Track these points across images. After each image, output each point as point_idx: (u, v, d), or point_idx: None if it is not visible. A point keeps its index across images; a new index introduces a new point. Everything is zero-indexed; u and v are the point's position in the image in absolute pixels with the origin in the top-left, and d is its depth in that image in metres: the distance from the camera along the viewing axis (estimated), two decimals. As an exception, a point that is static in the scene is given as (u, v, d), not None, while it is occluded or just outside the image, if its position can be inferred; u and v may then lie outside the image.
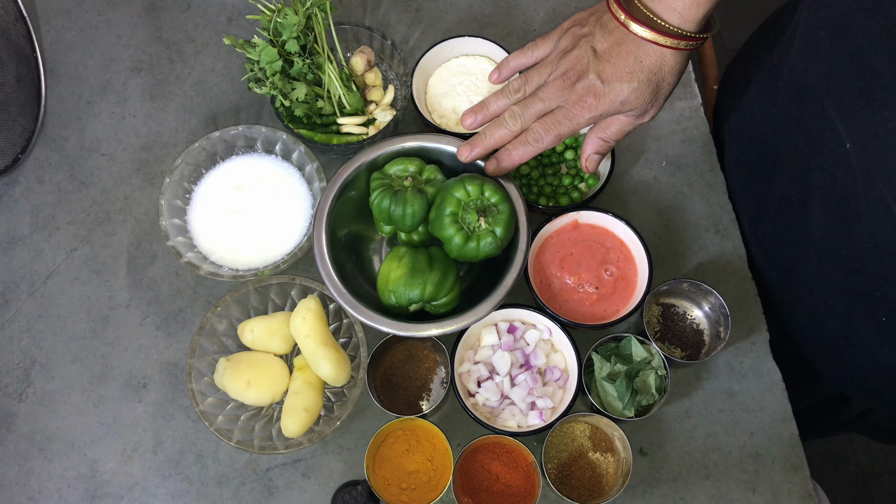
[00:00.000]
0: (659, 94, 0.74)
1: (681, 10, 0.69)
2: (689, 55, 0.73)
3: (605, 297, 0.87)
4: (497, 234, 0.79)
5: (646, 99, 0.73)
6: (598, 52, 0.72)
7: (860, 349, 0.83)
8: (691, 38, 0.70)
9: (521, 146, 0.78)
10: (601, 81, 0.72)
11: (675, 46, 0.70)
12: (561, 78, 0.74)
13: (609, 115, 0.74)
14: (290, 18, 0.86)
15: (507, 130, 0.77)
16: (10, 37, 0.97)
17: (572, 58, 0.73)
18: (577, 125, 0.75)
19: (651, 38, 0.70)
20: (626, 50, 0.71)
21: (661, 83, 0.73)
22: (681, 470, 0.86)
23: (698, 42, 0.71)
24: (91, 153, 1.00)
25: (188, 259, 0.88)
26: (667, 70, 0.72)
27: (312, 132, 0.93)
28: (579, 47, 0.73)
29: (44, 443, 0.89)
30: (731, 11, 2.10)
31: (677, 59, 0.72)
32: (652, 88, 0.73)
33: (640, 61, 0.71)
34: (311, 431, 0.84)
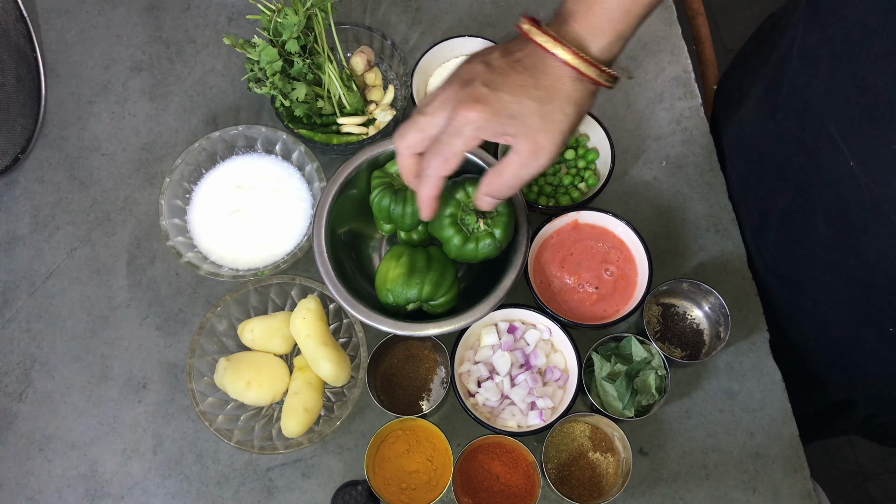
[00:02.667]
0: (551, 125, 0.63)
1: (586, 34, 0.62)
2: (590, 95, 0.65)
3: (605, 297, 0.87)
4: (496, 235, 0.79)
5: (535, 124, 0.63)
6: (492, 65, 0.64)
7: (867, 357, 0.82)
8: (595, 64, 0.62)
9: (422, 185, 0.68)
10: (487, 89, 0.62)
11: (575, 66, 0.62)
12: (451, 88, 0.65)
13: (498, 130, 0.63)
14: (291, 18, 0.86)
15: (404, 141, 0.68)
16: (10, 37, 0.97)
17: (463, 71, 0.66)
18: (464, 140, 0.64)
19: (550, 49, 0.62)
20: (523, 65, 0.63)
21: (554, 111, 0.63)
22: (681, 470, 0.86)
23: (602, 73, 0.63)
24: (91, 153, 1.00)
25: (188, 259, 0.88)
26: (563, 96, 0.63)
27: (312, 132, 0.93)
28: (477, 61, 0.66)
29: (44, 443, 0.89)
30: (731, 11, 2.10)
31: (576, 89, 0.63)
32: (543, 113, 0.63)
33: (536, 77, 0.62)
34: (311, 431, 0.84)
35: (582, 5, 0.62)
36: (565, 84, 0.63)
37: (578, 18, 0.63)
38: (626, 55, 1.02)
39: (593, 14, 0.62)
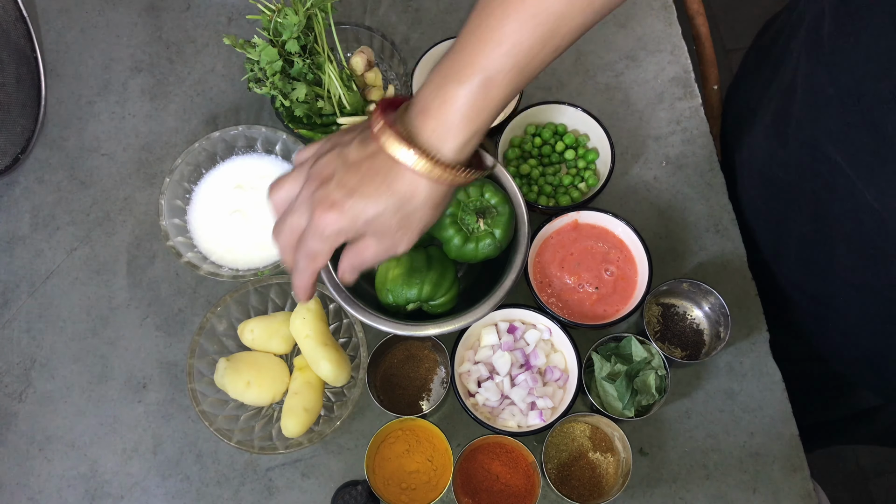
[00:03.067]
0: (409, 226, 0.63)
1: (438, 133, 0.59)
2: (447, 193, 0.63)
3: (605, 297, 0.87)
4: (496, 235, 0.79)
5: (392, 226, 0.62)
6: (349, 161, 0.62)
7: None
8: (446, 166, 0.60)
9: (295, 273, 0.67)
10: (342, 192, 0.61)
11: (428, 174, 0.60)
12: (307, 186, 0.64)
13: (357, 232, 0.63)
14: (291, 18, 0.86)
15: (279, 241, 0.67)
16: (10, 37, 0.97)
17: (320, 164, 0.63)
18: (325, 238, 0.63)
19: (402, 158, 0.59)
20: (378, 166, 0.60)
21: (411, 214, 0.62)
22: (681, 470, 0.86)
23: (454, 175, 0.61)
24: (91, 153, 1.00)
25: (188, 259, 0.88)
26: (419, 200, 0.61)
27: (312, 132, 0.93)
28: (332, 154, 0.63)
29: (44, 443, 0.89)
30: (731, 11, 2.09)
31: (430, 192, 0.61)
32: (400, 217, 0.62)
33: (390, 183, 0.60)
34: (311, 431, 0.84)
35: (435, 101, 0.59)
36: (420, 189, 0.61)
37: (431, 115, 0.59)
38: (626, 55, 1.02)
39: (445, 113, 0.58)
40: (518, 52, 0.56)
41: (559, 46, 0.57)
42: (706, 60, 1.08)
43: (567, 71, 1.02)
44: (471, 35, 0.58)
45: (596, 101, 1.00)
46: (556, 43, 0.57)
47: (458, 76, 0.58)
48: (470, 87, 0.57)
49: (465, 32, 0.59)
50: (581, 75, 1.01)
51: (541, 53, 0.57)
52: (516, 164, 0.94)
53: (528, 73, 0.58)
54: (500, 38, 0.56)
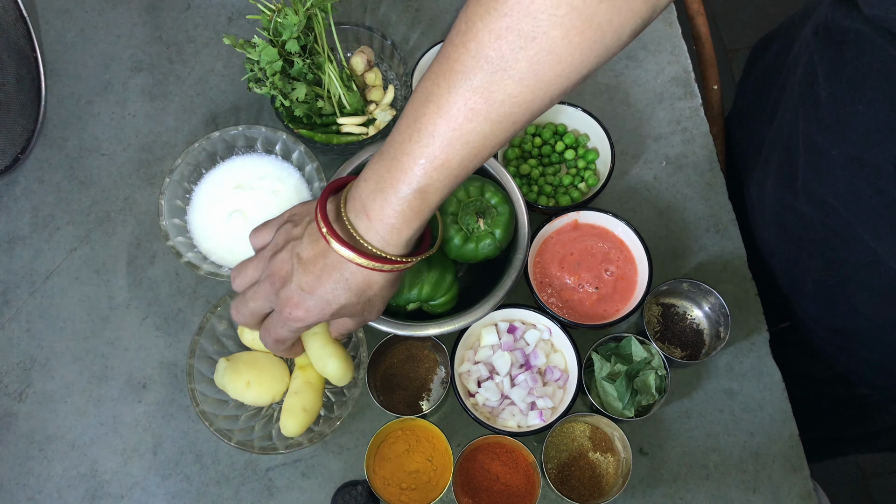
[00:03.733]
0: (373, 306, 0.68)
1: (382, 234, 0.61)
2: (402, 273, 0.67)
3: (605, 297, 0.87)
4: (496, 235, 0.79)
5: (357, 311, 0.67)
6: (303, 259, 0.64)
7: None
8: (396, 261, 0.63)
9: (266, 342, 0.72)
10: (304, 293, 0.64)
11: (380, 269, 0.63)
12: (268, 281, 0.67)
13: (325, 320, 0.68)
14: (291, 18, 0.86)
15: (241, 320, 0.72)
16: (10, 37, 0.97)
17: (278, 261, 0.66)
18: (293, 330, 0.68)
19: (352, 259, 0.62)
20: (331, 264, 0.63)
21: (372, 299, 0.66)
22: (681, 470, 0.86)
23: (406, 264, 0.64)
24: (91, 153, 1.00)
25: (188, 259, 0.88)
26: (376, 288, 0.65)
27: (312, 132, 0.93)
28: (286, 250, 0.66)
29: (44, 443, 0.89)
30: (731, 11, 2.09)
31: (387, 279, 0.65)
32: (362, 303, 0.66)
33: (346, 279, 0.63)
34: (311, 431, 0.84)
35: (375, 204, 0.61)
36: (376, 279, 0.65)
37: (373, 218, 0.61)
38: (626, 55, 1.02)
39: (385, 216, 0.61)
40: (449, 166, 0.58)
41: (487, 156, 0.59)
42: (706, 60, 1.08)
43: (567, 71, 1.02)
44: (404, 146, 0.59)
45: (596, 101, 1.00)
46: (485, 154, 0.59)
47: (394, 186, 0.60)
48: (406, 195, 0.60)
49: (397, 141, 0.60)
50: (581, 75, 1.01)
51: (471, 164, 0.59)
52: (516, 164, 0.94)
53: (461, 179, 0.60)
54: (431, 154, 0.58)
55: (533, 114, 0.57)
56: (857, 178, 0.67)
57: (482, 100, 0.55)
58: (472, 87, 0.55)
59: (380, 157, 0.61)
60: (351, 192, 0.64)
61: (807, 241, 0.80)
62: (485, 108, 0.55)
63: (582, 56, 0.53)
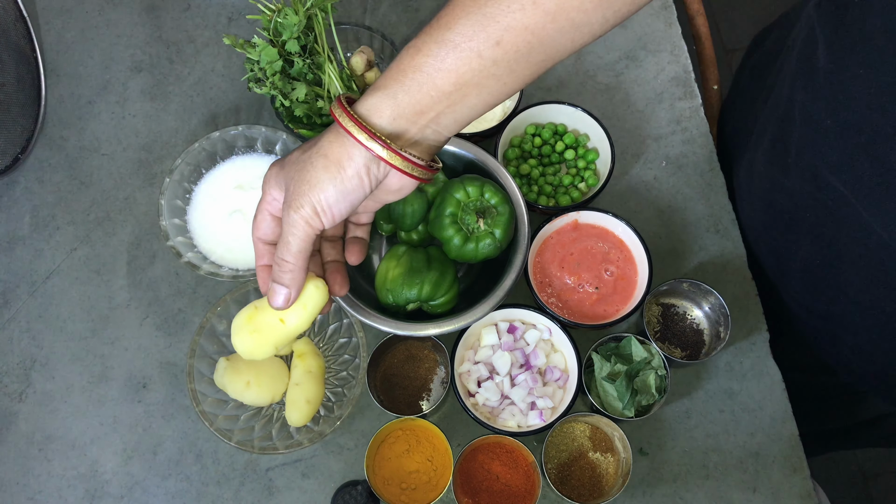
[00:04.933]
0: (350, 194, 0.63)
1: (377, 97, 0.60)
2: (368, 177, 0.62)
3: (605, 297, 0.87)
4: (496, 235, 0.79)
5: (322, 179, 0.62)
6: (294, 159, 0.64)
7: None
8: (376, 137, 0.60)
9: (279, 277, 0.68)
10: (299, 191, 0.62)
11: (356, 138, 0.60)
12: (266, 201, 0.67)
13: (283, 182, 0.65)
14: (291, 18, 0.86)
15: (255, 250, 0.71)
16: (10, 37, 0.97)
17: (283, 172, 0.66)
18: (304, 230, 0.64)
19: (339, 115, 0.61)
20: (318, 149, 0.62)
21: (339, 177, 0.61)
22: (681, 470, 0.86)
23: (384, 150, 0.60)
24: (91, 153, 1.00)
25: (188, 259, 0.88)
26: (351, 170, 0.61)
27: (312, 132, 0.93)
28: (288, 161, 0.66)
29: (44, 443, 0.89)
30: (731, 11, 2.09)
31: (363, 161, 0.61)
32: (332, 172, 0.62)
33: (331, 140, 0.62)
34: (312, 431, 0.84)
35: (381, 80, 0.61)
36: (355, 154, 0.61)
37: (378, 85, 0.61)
38: (626, 55, 1.02)
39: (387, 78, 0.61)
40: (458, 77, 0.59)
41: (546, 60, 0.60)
42: (706, 60, 1.08)
43: (567, 71, 1.02)
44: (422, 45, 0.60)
45: (596, 101, 1.00)
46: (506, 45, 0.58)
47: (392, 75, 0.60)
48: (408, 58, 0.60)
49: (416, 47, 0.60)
50: (581, 75, 1.01)
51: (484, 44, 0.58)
52: (516, 164, 0.94)
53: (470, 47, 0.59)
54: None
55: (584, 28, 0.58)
56: (854, 147, 0.67)
57: None
58: None
59: None
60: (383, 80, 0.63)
61: (796, 221, 0.80)
62: None
63: None
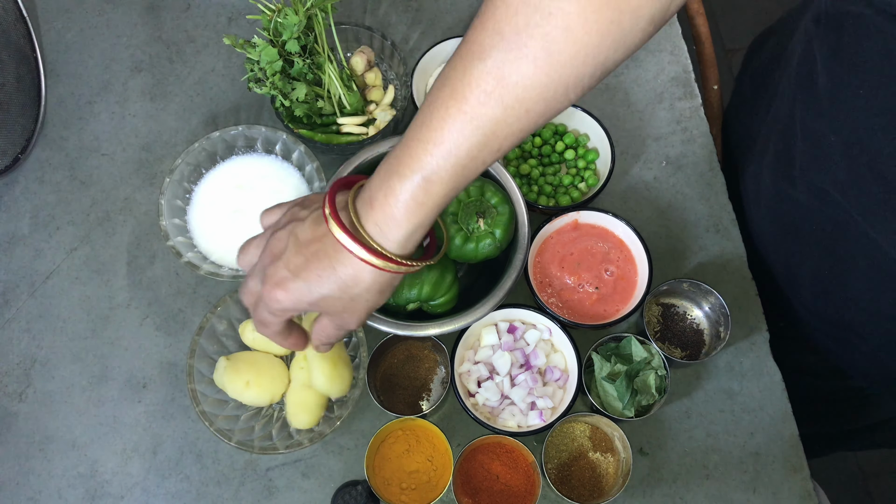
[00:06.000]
0: (354, 309, 0.65)
1: (381, 226, 0.60)
2: (391, 280, 0.64)
3: (605, 297, 0.87)
4: (496, 235, 0.79)
5: (337, 309, 0.64)
6: (300, 240, 0.63)
7: None
8: (391, 259, 0.61)
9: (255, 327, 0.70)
10: (289, 273, 0.63)
11: (372, 264, 0.60)
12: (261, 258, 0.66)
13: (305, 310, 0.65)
14: (291, 18, 0.86)
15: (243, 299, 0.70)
16: (10, 37, 0.97)
17: (275, 238, 0.65)
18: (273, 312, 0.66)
19: (347, 246, 0.60)
20: (324, 250, 0.62)
21: (355, 298, 0.63)
22: (681, 470, 0.86)
23: (399, 266, 0.62)
24: (91, 153, 1.00)
25: (188, 259, 0.88)
26: (363, 287, 0.62)
27: (312, 132, 0.93)
28: (286, 229, 0.65)
29: (44, 443, 0.89)
30: (731, 11, 2.09)
31: (376, 279, 0.62)
32: (345, 301, 0.63)
33: (334, 268, 0.61)
34: (312, 431, 0.84)
35: (379, 193, 0.60)
36: (364, 276, 0.62)
37: (376, 207, 0.60)
38: (626, 55, 1.02)
39: (388, 206, 0.60)
40: (457, 153, 0.57)
41: (500, 148, 0.58)
42: (706, 60, 1.08)
43: (567, 71, 1.02)
44: (416, 132, 0.58)
45: (596, 101, 1.00)
46: (496, 145, 0.57)
47: (400, 172, 0.59)
48: (411, 183, 0.58)
49: (411, 128, 0.59)
50: (581, 75, 1.01)
51: (480, 155, 0.57)
52: (516, 164, 0.94)
53: (469, 172, 0.59)
54: (439, 138, 0.57)
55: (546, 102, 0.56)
56: (857, 165, 0.67)
57: (495, 81, 0.54)
58: (486, 69, 0.54)
59: (393, 148, 0.61)
60: (364, 185, 0.63)
61: (804, 232, 0.80)
62: (497, 90, 0.54)
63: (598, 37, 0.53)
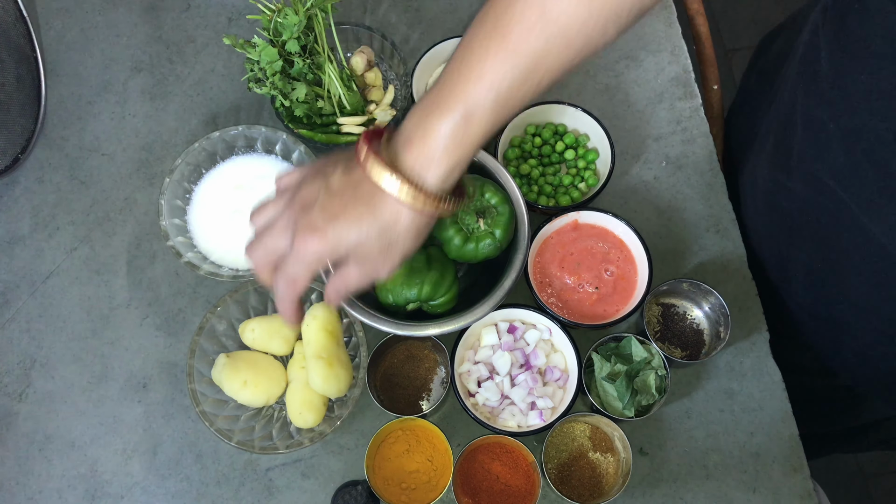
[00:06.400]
0: (390, 254, 0.63)
1: (421, 163, 0.60)
2: (428, 223, 0.63)
3: (605, 297, 0.87)
4: (496, 235, 0.79)
5: (373, 254, 0.63)
6: (332, 188, 0.63)
7: None
8: (432, 200, 0.60)
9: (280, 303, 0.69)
10: (325, 218, 0.62)
11: (411, 204, 0.60)
12: (289, 210, 0.65)
13: (338, 257, 0.64)
14: (291, 18, 0.86)
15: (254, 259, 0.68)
16: (10, 37, 0.97)
17: (304, 191, 0.65)
18: (307, 264, 0.64)
19: (388, 188, 0.60)
20: (361, 193, 0.61)
21: (393, 242, 0.63)
22: (681, 470, 0.86)
23: (437, 206, 0.61)
24: (91, 153, 1.00)
25: (188, 259, 0.88)
26: (401, 229, 0.62)
27: (312, 132, 0.93)
28: (316, 180, 0.64)
29: (44, 443, 0.89)
30: (731, 11, 2.09)
31: (414, 221, 0.62)
32: (382, 244, 0.62)
33: (373, 210, 0.61)
34: (312, 431, 0.84)
35: (418, 132, 0.59)
36: (403, 217, 0.61)
37: (415, 145, 0.60)
38: (626, 55, 1.02)
39: (428, 143, 0.59)
40: (498, 87, 0.57)
41: (539, 83, 0.58)
42: (706, 60, 1.08)
43: (567, 71, 1.02)
44: (455, 69, 0.58)
45: (596, 101, 1.00)
46: (536, 79, 0.57)
47: (440, 109, 0.58)
48: (452, 119, 0.58)
49: (449, 66, 0.59)
50: (581, 75, 1.01)
51: (521, 90, 0.57)
52: (516, 164, 0.94)
53: (509, 109, 0.58)
54: (480, 73, 0.57)
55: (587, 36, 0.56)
56: (855, 152, 0.67)
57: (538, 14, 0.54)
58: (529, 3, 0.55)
59: (430, 90, 0.61)
60: (398, 128, 0.62)
61: (799, 225, 0.80)
62: (539, 23, 0.54)
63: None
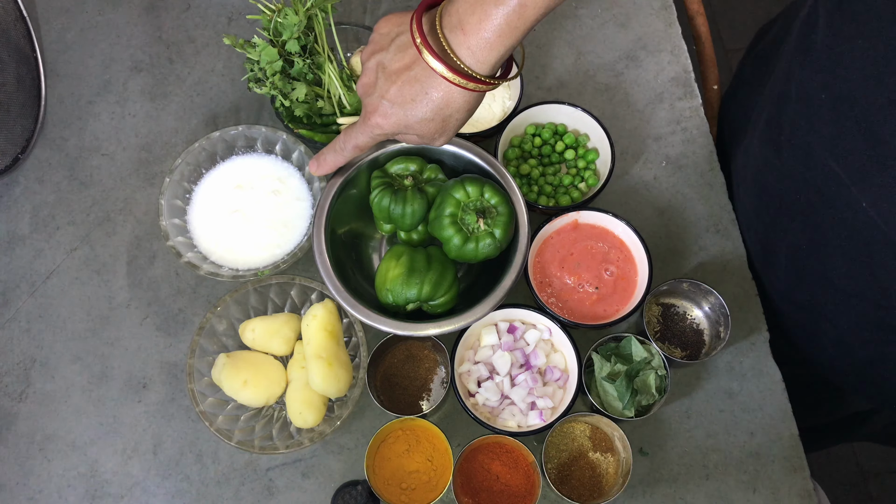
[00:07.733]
0: (447, 128, 0.71)
1: (474, 50, 0.64)
2: (481, 96, 0.70)
3: (605, 297, 0.87)
4: (496, 235, 0.79)
5: (432, 130, 0.71)
6: (388, 71, 0.69)
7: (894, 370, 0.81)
8: (482, 80, 0.66)
9: (331, 152, 0.80)
10: (387, 102, 0.70)
11: (464, 86, 0.66)
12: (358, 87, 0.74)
13: (399, 133, 0.73)
14: (291, 18, 0.86)
15: None
16: (10, 37, 0.97)
17: (365, 71, 0.72)
18: (370, 138, 0.74)
19: (440, 72, 0.65)
20: (415, 76, 0.67)
21: (448, 119, 0.70)
22: (681, 470, 0.86)
23: (489, 86, 0.67)
24: (91, 153, 1.00)
25: (188, 259, 0.88)
26: (454, 107, 0.69)
27: (312, 132, 0.93)
28: (371, 63, 0.71)
29: (44, 443, 0.89)
30: (731, 11, 2.09)
31: (466, 99, 0.68)
32: (438, 122, 0.70)
33: (427, 92, 0.67)
34: (312, 431, 0.84)
35: (473, 18, 0.63)
36: (456, 97, 0.68)
37: (469, 32, 0.64)
38: (626, 55, 1.02)
39: (482, 30, 0.63)
40: None
41: None
42: (706, 60, 1.08)
43: (567, 71, 1.02)
44: None
45: (596, 101, 1.00)
46: None
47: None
48: (506, 7, 0.62)
49: None
50: (581, 75, 1.01)
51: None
52: (516, 164, 0.94)
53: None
54: None
55: None
56: (846, 120, 0.67)
57: None
58: None
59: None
60: (447, 8, 0.65)
61: (786, 203, 0.81)
62: None
63: None
